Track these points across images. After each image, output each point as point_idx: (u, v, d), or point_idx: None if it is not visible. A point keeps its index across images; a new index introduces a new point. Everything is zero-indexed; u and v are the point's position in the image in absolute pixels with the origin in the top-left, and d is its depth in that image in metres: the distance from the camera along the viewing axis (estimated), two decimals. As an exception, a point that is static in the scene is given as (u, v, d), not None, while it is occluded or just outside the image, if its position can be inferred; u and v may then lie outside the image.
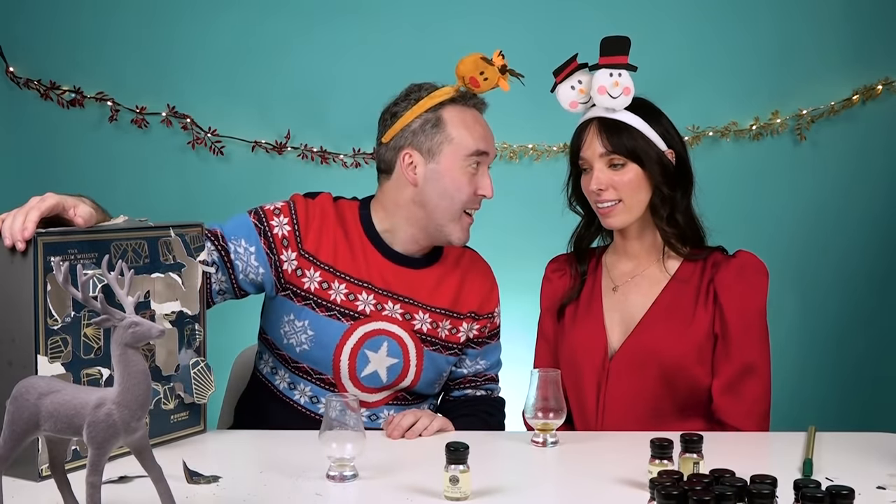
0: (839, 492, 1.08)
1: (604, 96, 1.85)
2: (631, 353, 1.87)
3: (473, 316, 2.01)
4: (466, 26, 3.23)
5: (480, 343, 2.05)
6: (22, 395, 1.23)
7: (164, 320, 1.68)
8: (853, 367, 3.32)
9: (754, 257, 1.92)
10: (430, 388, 2.00)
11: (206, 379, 1.76)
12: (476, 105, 1.96)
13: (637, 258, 1.96)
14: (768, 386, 1.88)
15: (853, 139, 3.27)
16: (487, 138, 1.95)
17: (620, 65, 1.84)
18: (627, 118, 1.86)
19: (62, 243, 1.50)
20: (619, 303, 1.94)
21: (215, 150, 3.32)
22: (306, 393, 1.95)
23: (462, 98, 1.94)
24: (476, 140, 1.91)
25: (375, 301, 1.92)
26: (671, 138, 1.91)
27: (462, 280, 2.01)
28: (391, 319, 1.93)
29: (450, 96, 1.92)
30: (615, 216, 1.88)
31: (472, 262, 2.06)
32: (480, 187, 1.93)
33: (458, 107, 1.93)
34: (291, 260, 1.91)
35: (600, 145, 1.86)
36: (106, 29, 3.32)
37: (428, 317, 1.95)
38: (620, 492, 1.46)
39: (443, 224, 1.92)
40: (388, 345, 1.92)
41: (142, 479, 1.41)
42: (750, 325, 1.86)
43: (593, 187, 1.87)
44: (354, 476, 1.51)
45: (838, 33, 3.25)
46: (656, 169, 1.87)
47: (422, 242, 1.97)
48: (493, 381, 2.10)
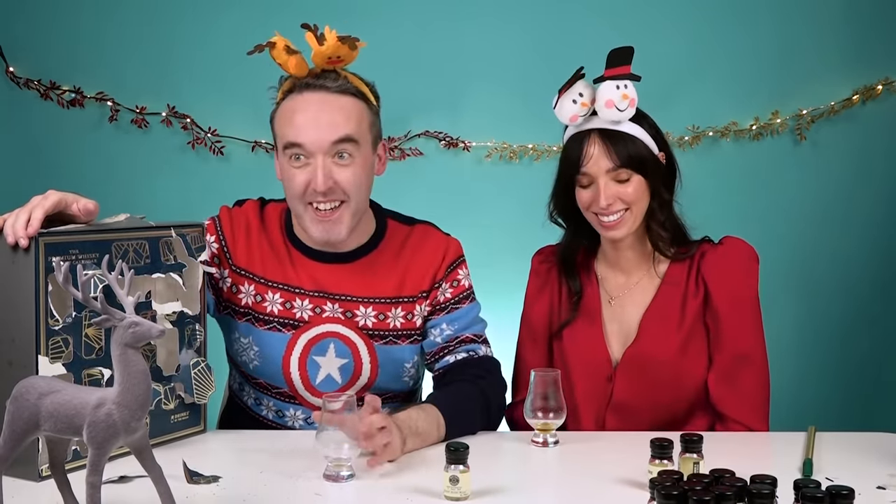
0: (839, 492, 1.08)
1: (611, 110, 1.79)
2: (632, 363, 1.87)
3: (424, 295, 1.91)
4: (466, 28, 3.23)
5: (447, 308, 1.92)
6: (22, 395, 1.23)
7: (164, 320, 1.69)
8: (854, 367, 3.32)
9: (742, 242, 1.90)
10: (397, 381, 1.93)
11: (207, 379, 1.76)
12: (311, 87, 1.79)
13: (629, 269, 1.94)
14: (765, 375, 1.86)
15: (853, 139, 3.27)
16: (304, 127, 1.76)
17: (625, 75, 1.80)
18: (628, 128, 1.83)
19: (63, 243, 1.50)
20: (617, 314, 1.93)
21: (215, 150, 3.32)
22: (271, 408, 1.93)
23: (292, 90, 1.81)
24: (288, 130, 1.78)
25: (312, 305, 1.86)
26: (661, 140, 1.89)
27: (408, 262, 1.91)
28: (334, 320, 1.87)
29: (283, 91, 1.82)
30: (620, 227, 1.84)
31: (419, 240, 1.93)
32: (309, 180, 1.77)
33: (290, 98, 1.81)
34: (225, 278, 1.88)
35: (608, 161, 1.81)
36: (106, 29, 3.32)
37: (371, 310, 1.88)
38: (620, 492, 1.46)
39: (300, 221, 1.84)
40: (335, 346, 1.87)
41: (142, 479, 1.41)
42: (742, 313, 1.85)
43: (603, 203, 1.81)
44: (351, 476, 1.50)
45: (838, 33, 3.25)
46: (657, 176, 1.86)
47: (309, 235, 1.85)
48: (470, 341, 1.92)
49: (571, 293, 1.96)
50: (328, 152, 1.77)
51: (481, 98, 3.27)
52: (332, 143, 1.77)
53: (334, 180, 1.77)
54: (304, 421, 1.92)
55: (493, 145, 3.30)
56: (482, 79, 3.27)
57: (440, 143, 3.31)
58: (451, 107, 3.30)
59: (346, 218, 1.81)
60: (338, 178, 1.78)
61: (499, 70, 3.26)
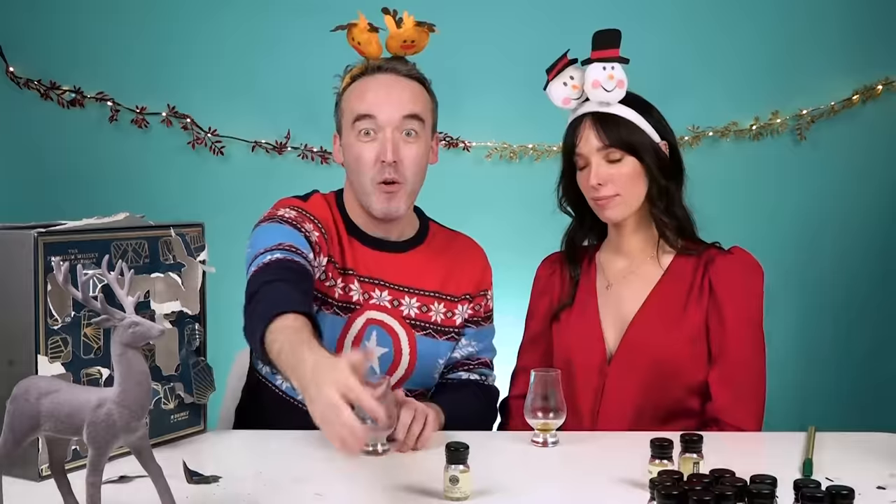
0: (839, 492, 1.08)
1: (598, 90, 1.84)
2: (627, 352, 1.87)
3: (469, 298, 1.99)
4: (467, 25, 3.23)
5: (476, 323, 2.02)
6: (22, 395, 1.23)
7: (164, 320, 1.68)
8: (854, 367, 3.33)
9: (751, 256, 1.92)
10: (428, 378, 1.97)
11: (207, 379, 1.76)
12: (386, 70, 1.88)
13: (631, 255, 1.95)
14: (763, 385, 1.87)
15: (853, 139, 3.27)
16: (377, 103, 1.84)
17: (613, 58, 1.83)
18: (621, 111, 1.86)
19: (62, 243, 1.50)
20: (613, 301, 1.93)
21: (215, 150, 3.32)
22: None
23: (364, 72, 1.88)
24: (359, 104, 1.85)
25: (363, 290, 1.90)
26: (664, 129, 1.91)
27: (454, 262, 1.99)
28: (381, 308, 1.90)
29: (353, 75, 1.89)
30: (612, 208, 1.88)
31: (464, 247, 2.04)
32: (378, 153, 1.84)
33: (361, 80, 1.88)
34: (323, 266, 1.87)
35: (597, 139, 1.85)
36: (106, 29, 3.32)
37: (415, 301, 1.93)
38: (620, 492, 1.45)
39: (363, 198, 1.89)
40: (378, 334, 1.90)
41: (142, 479, 1.41)
42: (747, 324, 1.86)
43: (592, 181, 1.85)
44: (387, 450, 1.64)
45: (838, 33, 3.26)
46: (653, 160, 1.87)
47: (367, 221, 1.92)
48: (486, 365, 2.05)
49: (571, 279, 1.99)
50: (398, 127, 1.85)
51: (481, 98, 3.27)
52: (402, 117, 1.85)
53: (399, 156, 1.84)
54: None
55: (493, 145, 3.30)
56: (482, 79, 3.27)
57: (440, 143, 3.30)
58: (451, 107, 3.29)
59: (402, 196, 1.87)
60: (403, 153, 1.85)
61: (499, 70, 3.27)
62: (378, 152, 1.83)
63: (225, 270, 1.90)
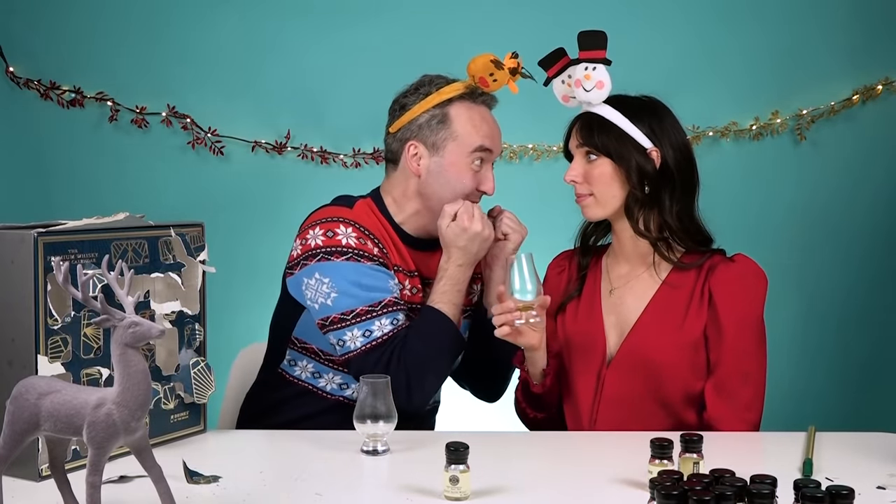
0: (839, 492, 1.08)
1: (579, 89, 1.87)
2: (626, 356, 1.87)
3: (480, 276, 2.07)
4: (468, 26, 3.23)
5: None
6: (22, 395, 1.23)
7: (164, 320, 1.69)
8: (854, 367, 3.32)
9: (753, 263, 1.89)
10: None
11: (206, 379, 1.76)
12: (486, 102, 2.00)
13: (631, 261, 1.94)
14: (762, 394, 1.86)
15: (853, 139, 3.27)
16: (493, 136, 1.98)
17: (594, 59, 1.86)
18: (606, 112, 1.87)
19: (62, 243, 1.50)
20: (616, 305, 1.93)
21: (215, 150, 3.32)
22: (307, 369, 1.98)
23: (471, 95, 1.96)
24: (481, 137, 1.95)
25: (411, 285, 1.99)
26: (658, 137, 1.87)
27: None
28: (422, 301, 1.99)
29: (459, 93, 1.95)
30: (587, 207, 1.90)
31: None
32: (482, 183, 1.97)
33: (467, 103, 1.96)
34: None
35: (576, 137, 1.90)
36: (106, 29, 3.31)
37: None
38: (620, 492, 1.46)
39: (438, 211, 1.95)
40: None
41: (142, 479, 1.41)
42: (747, 332, 1.84)
43: (566, 177, 1.90)
44: (387, 451, 1.64)
45: (838, 34, 3.25)
46: (632, 166, 1.84)
47: (428, 228, 2.00)
48: None
49: (579, 270, 2.00)
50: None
51: (481, 98, 3.27)
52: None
53: None
54: (338, 386, 1.98)
55: (493, 145, 3.30)
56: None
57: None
58: (451, 107, 3.30)
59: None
60: None
61: (499, 70, 3.26)
62: (486, 187, 1.97)
63: (225, 270, 1.91)
